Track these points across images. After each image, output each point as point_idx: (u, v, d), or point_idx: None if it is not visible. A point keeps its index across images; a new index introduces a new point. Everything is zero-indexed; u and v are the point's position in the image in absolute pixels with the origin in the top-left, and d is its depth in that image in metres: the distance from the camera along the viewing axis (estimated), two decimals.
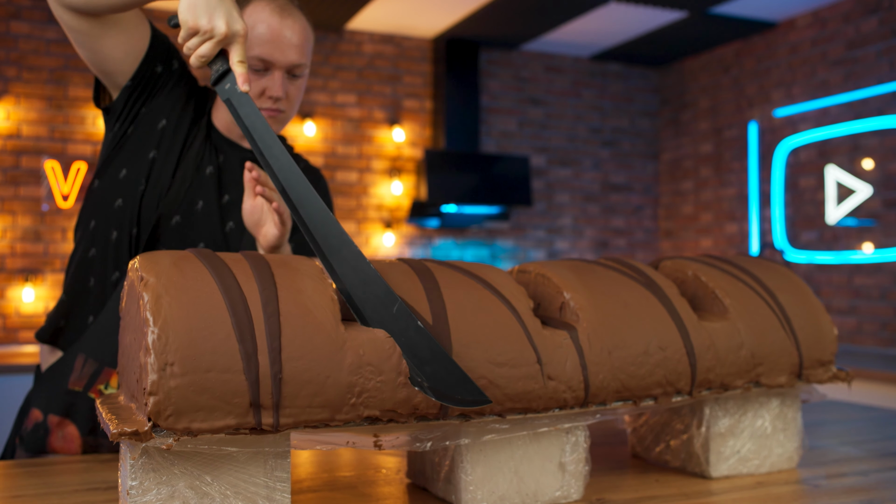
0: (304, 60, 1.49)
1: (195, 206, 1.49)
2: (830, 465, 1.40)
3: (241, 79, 1.14)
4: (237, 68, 1.15)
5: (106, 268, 1.49)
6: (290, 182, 1.06)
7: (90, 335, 1.45)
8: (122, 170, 1.49)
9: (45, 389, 1.47)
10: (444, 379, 0.96)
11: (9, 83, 4.32)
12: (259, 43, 1.44)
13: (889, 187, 4.22)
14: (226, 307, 0.92)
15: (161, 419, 0.87)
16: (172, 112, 1.51)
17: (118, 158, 1.50)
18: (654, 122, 5.88)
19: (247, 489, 0.96)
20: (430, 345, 0.98)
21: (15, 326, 4.30)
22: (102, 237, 1.49)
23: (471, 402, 0.97)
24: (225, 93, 1.15)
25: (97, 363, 1.43)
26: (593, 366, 1.11)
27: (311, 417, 0.93)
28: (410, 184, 5.12)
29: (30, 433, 1.46)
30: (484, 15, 4.68)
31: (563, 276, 1.21)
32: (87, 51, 1.41)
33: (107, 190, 1.49)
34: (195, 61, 1.16)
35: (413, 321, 0.99)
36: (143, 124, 1.49)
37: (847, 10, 4.48)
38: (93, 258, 1.50)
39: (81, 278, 1.51)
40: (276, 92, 1.45)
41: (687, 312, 1.23)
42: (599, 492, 1.19)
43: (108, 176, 1.50)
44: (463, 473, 1.09)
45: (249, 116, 1.11)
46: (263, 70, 1.45)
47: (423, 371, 0.96)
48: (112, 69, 1.45)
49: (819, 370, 1.33)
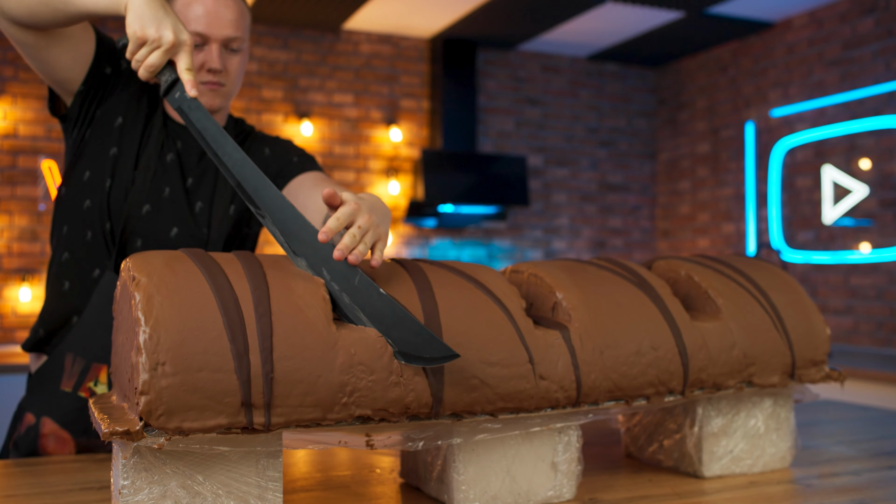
0: (240, 34, 1.53)
1: (162, 193, 1.52)
2: (823, 464, 1.40)
3: (189, 84, 1.18)
4: (185, 75, 1.19)
5: (83, 268, 1.51)
6: (245, 175, 1.09)
7: (75, 333, 1.46)
8: (86, 172, 1.52)
9: (36, 393, 1.48)
10: (411, 341, 0.98)
11: (6, 83, 4.32)
12: (195, 19, 1.49)
13: (885, 187, 4.23)
14: (217, 307, 0.92)
15: (153, 419, 0.87)
16: (128, 109, 1.54)
17: (80, 162, 1.53)
18: (651, 122, 5.88)
19: (239, 488, 0.96)
20: (393, 310, 1.00)
21: (11, 326, 4.29)
22: (76, 240, 1.52)
23: (440, 359, 0.98)
24: (175, 101, 1.18)
25: (84, 360, 1.44)
26: (585, 365, 1.12)
27: (303, 417, 0.93)
28: (407, 184, 5.12)
29: (22, 437, 1.46)
30: (481, 15, 4.69)
31: (556, 276, 1.22)
32: (37, 62, 1.44)
33: (74, 194, 1.52)
34: (143, 72, 1.19)
35: (375, 289, 1.00)
36: (100, 125, 1.53)
37: (844, 10, 4.49)
38: (66, 262, 1.52)
39: (57, 283, 1.53)
40: (214, 64, 1.50)
41: (679, 312, 1.23)
42: (592, 491, 1.20)
43: (73, 180, 1.53)
44: (455, 473, 1.09)
45: (201, 120, 1.15)
46: (201, 44, 1.50)
47: (390, 336, 0.98)
48: (63, 77, 1.48)
49: (812, 370, 1.34)
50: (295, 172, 1.60)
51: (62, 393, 1.44)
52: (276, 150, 1.66)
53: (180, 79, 1.19)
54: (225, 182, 1.57)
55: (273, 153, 1.65)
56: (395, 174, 5.07)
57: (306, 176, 1.59)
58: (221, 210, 1.56)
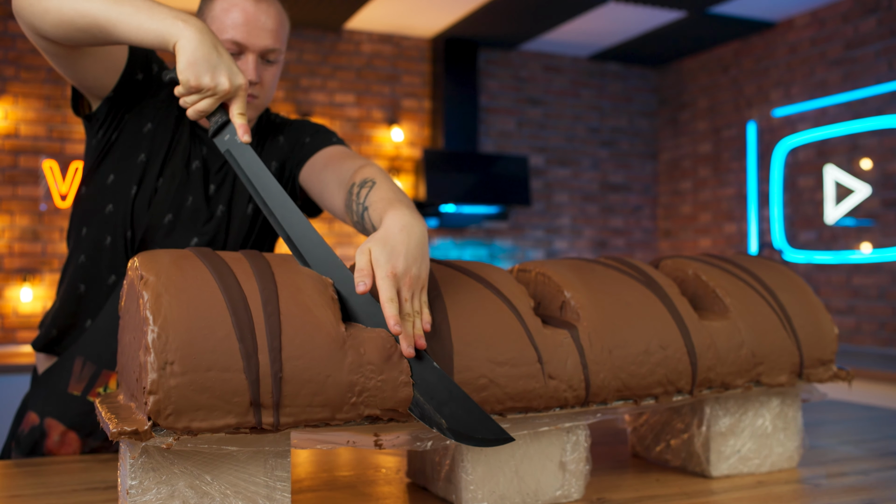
0: (279, 45, 1.48)
1: (185, 202, 1.49)
2: (831, 464, 1.39)
3: (242, 130, 1.14)
4: (238, 120, 1.15)
5: (100, 272, 1.48)
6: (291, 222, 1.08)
7: (88, 338, 1.44)
8: (110, 175, 1.48)
9: (42, 393, 1.47)
10: (462, 419, 0.97)
11: (7, 83, 4.31)
12: (233, 26, 1.42)
13: (887, 187, 4.23)
14: (226, 306, 0.91)
15: (161, 418, 0.87)
16: (157, 114, 1.50)
17: (105, 164, 1.49)
18: (652, 122, 5.88)
19: (247, 488, 0.95)
20: (446, 385, 0.98)
21: (13, 326, 4.29)
22: (95, 243, 1.49)
23: (493, 441, 0.97)
24: (224, 144, 1.15)
25: (95, 366, 1.43)
26: (594, 365, 1.11)
27: (312, 416, 0.93)
28: (409, 183, 5.12)
29: (26, 436, 1.45)
30: (482, 15, 4.68)
31: (564, 275, 1.21)
32: (65, 69, 1.38)
33: (96, 196, 1.49)
34: (193, 114, 1.15)
35: (429, 362, 0.98)
36: (128, 129, 1.48)
37: (846, 9, 4.48)
38: (83, 264, 1.49)
39: (73, 285, 1.50)
40: (251, 76, 1.44)
41: (687, 311, 1.23)
42: (600, 491, 1.19)
43: (95, 182, 1.50)
44: (463, 473, 1.09)
45: (251, 166, 1.12)
46: (238, 54, 1.44)
47: (441, 412, 0.96)
48: (93, 84, 1.43)
49: (819, 369, 1.33)
50: (307, 155, 1.55)
51: (70, 396, 1.43)
52: (290, 135, 1.61)
53: (232, 122, 1.15)
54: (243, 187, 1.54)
55: (287, 139, 1.60)
56: (396, 174, 5.07)
57: (320, 155, 1.53)
58: (240, 214, 1.53)
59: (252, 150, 1.14)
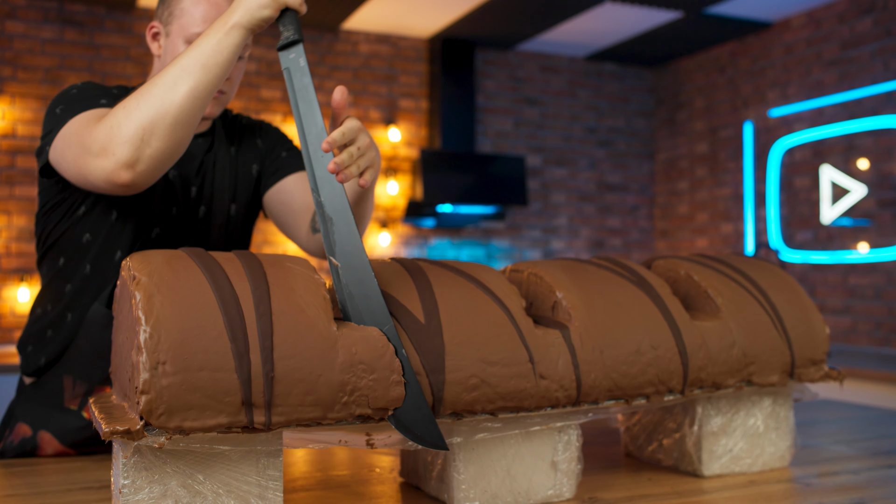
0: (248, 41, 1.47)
1: (170, 212, 1.47)
2: (822, 463, 1.40)
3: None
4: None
5: (87, 300, 1.44)
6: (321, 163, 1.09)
7: (73, 359, 1.42)
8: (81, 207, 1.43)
9: (31, 405, 1.45)
10: (410, 413, 0.98)
11: (4, 83, 4.31)
12: (202, 21, 1.41)
13: (884, 187, 4.23)
14: (218, 306, 0.92)
15: (153, 418, 0.87)
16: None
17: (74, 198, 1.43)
18: (649, 122, 5.88)
19: (239, 488, 0.96)
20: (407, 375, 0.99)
21: (10, 326, 4.29)
22: (76, 272, 1.45)
23: (429, 443, 0.98)
24: (287, 61, 1.14)
25: (87, 384, 1.42)
26: (585, 365, 1.12)
27: (303, 416, 0.93)
28: (406, 183, 5.12)
29: (16, 447, 1.44)
30: (479, 15, 4.69)
31: (556, 275, 1.22)
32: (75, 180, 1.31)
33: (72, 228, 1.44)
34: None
35: (398, 347, 0.99)
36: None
37: (842, 10, 4.49)
38: (70, 293, 1.46)
39: (61, 315, 1.46)
40: None
41: (679, 311, 1.23)
42: (592, 490, 1.20)
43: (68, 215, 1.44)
44: (455, 472, 1.09)
45: (303, 92, 1.12)
46: None
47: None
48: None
49: (811, 369, 1.34)
50: (287, 171, 1.57)
51: (65, 409, 1.42)
52: (266, 139, 1.62)
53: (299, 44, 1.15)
54: (222, 183, 1.53)
55: (264, 143, 1.61)
56: (393, 174, 5.07)
57: (293, 179, 1.56)
58: (221, 213, 1.53)
59: (310, 77, 1.13)
